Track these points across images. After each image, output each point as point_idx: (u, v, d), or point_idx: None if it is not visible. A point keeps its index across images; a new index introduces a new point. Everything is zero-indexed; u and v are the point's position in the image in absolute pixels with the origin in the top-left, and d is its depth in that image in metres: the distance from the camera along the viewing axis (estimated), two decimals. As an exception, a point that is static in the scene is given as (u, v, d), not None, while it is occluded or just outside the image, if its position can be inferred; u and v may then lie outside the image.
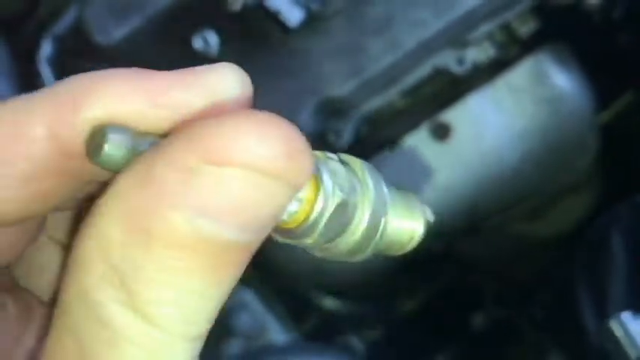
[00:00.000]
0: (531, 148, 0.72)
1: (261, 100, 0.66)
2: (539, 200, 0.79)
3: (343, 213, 0.23)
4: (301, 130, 0.47)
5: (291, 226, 0.23)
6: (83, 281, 0.20)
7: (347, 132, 0.66)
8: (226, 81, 0.22)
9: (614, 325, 0.46)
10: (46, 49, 0.61)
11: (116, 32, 0.60)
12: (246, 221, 0.19)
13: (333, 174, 0.23)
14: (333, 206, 0.22)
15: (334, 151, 0.59)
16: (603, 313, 0.50)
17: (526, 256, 0.84)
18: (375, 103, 0.67)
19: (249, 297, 0.76)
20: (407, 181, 0.69)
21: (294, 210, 0.22)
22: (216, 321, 0.69)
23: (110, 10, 0.60)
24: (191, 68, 0.22)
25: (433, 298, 0.88)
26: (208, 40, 0.59)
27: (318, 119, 0.65)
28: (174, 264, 0.19)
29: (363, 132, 0.70)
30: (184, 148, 0.19)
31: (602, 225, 0.56)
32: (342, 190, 0.23)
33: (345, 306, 0.84)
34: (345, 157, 0.25)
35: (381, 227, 0.24)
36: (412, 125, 0.69)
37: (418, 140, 0.69)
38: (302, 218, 0.22)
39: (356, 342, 0.84)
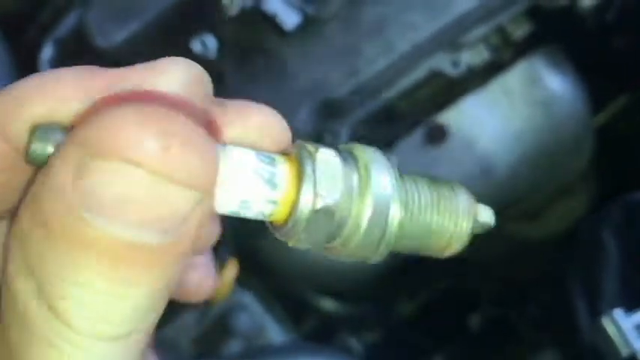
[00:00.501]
0: (526, 150, 0.72)
1: (259, 101, 0.67)
2: (534, 201, 0.80)
3: (327, 218, 0.21)
4: (299, 131, 0.48)
5: (277, 224, 0.22)
6: (7, 272, 0.20)
7: (344, 133, 0.67)
8: (166, 76, 0.21)
9: (606, 322, 0.47)
10: (47, 51, 0.61)
11: (116, 35, 0.60)
12: (140, 219, 0.19)
13: (322, 173, 0.21)
14: (312, 212, 0.21)
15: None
16: (596, 311, 0.51)
17: (522, 256, 0.85)
18: (371, 105, 0.67)
19: (249, 299, 0.76)
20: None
21: (269, 212, 0.21)
22: (215, 322, 0.68)
23: (111, 13, 0.61)
24: (136, 65, 0.21)
25: (431, 300, 0.89)
26: (207, 43, 0.59)
27: (315, 121, 0.65)
28: (75, 260, 0.19)
29: (359, 134, 0.70)
30: (75, 142, 0.19)
31: (594, 224, 0.57)
32: (327, 194, 0.21)
33: (344, 307, 0.84)
34: (352, 146, 0.23)
35: (389, 225, 0.22)
36: (408, 127, 0.70)
37: (413, 142, 0.69)
38: (281, 219, 0.21)
39: (354, 343, 0.84)
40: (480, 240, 0.94)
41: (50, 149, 0.20)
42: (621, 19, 0.74)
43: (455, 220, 0.24)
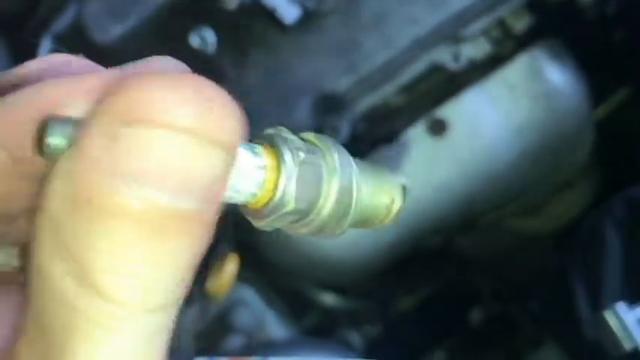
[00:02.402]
0: (527, 144, 0.72)
1: (258, 96, 0.66)
2: (535, 196, 0.80)
3: (310, 173, 0.23)
4: (298, 126, 0.48)
5: (265, 199, 0.23)
6: (39, 260, 0.20)
7: (344, 128, 0.67)
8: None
9: (608, 316, 0.47)
10: (45, 47, 0.62)
11: (114, 31, 0.61)
12: (179, 185, 0.19)
13: (290, 142, 0.23)
14: (298, 166, 0.23)
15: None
16: (598, 305, 0.51)
17: (523, 251, 0.85)
18: (372, 99, 0.67)
19: (249, 295, 0.77)
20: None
21: (261, 179, 0.22)
22: (216, 318, 0.68)
23: (108, 9, 0.61)
24: (131, 66, 0.22)
25: (432, 295, 0.89)
26: (205, 37, 0.59)
27: (315, 115, 0.66)
28: (112, 231, 0.19)
29: (360, 128, 0.70)
30: (106, 110, 0.19)
31: (596, 218, 0.57)
32: (303, 152, 0.23)
33: (344, 302, 0.85)
34: (307, 135, 0.25)
35: (353, 199, 0.24)
36: (409, 121, 0.70)
37: (414, 136, 0.70)
38: (272, 187, 0.23)
39: (355, 338, 0.84)
40: (481, 235, 0.93)
41: (68, 142, 0.20)
42: (621, 12, 0.74)
43: (389, 193, 0.26)
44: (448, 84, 0.71)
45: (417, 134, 0.70)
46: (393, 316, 0.89)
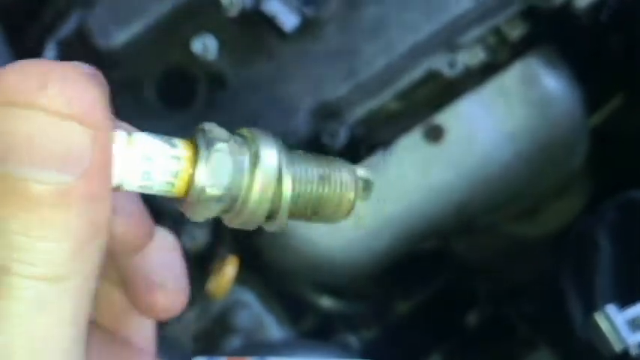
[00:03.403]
0: (522, 149, 0.73)
1: (259, 101, 0.67)
2: (531, 200, 0.81)
3: (228, 163, 0.24)
4: (298, 131, 0.50)
5: (183, 189, 0.24)
6: None
7: (342, 133, 0.68)
8: None
9: (599, 318, 0.48)
10: (50, 52, 0.63)
11: (118, 37, 0.62)
12: (39, 159, 0.21)
13: (210, 134, 0.24)
14: (213, 155, 0.24)
15: (331, 153, 0.61)
16: (589, 307, 0.52)
17: (519, 255, 0.86)
18: (370, 105, 0.68)
19: (249, 297, 0.78)
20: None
21: (176, 169, 0.24)
22: (215, 319, 0.70)
23: (112, 15, 0.62)
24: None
25: (429, 298, 0.90)
26: (207, 44, 0.60)
27: (314, 121, 0.66)
28: None
29: (358, 133, 0.71)
30: None
31: (588, 222, 0.58)
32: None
33: (343, 305, 0.86)
34: (242, 130, 0.26)
35: (285, 190, 0.25)
36: (406, 127, 0.71)
37: (411, 142, 0.71)
38: (187, 177, 0.24)
39: (353, 341, 0.85)
40: (478, 239, 0.94)
41: None
42: (615, 20, 0.76)
43: (340, 189, 0.27)
44: (445, 91, 0.72)
45: (414, 140, 0.71)
46: (391, 319, 0.90)
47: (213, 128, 0.25)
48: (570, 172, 0.79)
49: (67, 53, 0.62)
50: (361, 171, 0.28)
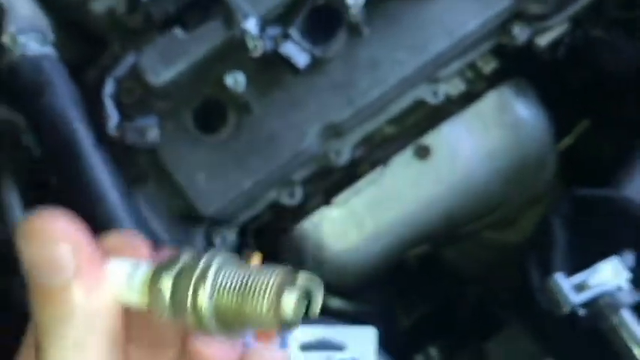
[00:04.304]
0: (498, 166, 0.83)
1: (277, 125, 0.81)
2: (509, 210, 0.88)
3: (181, 285, 0.31)
4: (309, 149, 0.66)
5: (148, 304, 0.33)
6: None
7: (345, 152, 0.78)
8: None
9: (551, 283, 0.60)
10: (109, 88, 0.73)
11: (165, 74, 0.71)
12: (37, 267, 0.33)
13: (171, 265, 0.32)
14: (171, 282, 0.31)
15: (337, 169, 0.75)
16: (546, 278, 0.63)
17: (502, 261, 0.92)
18: (367, 127, 0.78)
19: None
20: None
21: (142, 290, 0.32)
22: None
23: (159, 56, 0.72)
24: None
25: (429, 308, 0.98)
26: (237, 79, 0.70)
27: (322, 141, 0.76)
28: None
29: (359, 153, 0.80)
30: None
31: (547, 214, 0.70)
32: (175, 270, 0.31)
33: (351, 306, 0.90)
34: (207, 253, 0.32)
35: (196, 302, 0.30)
36: (400, 148, 0.81)
37: (404, 160, 0.81)
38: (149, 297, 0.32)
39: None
40: (466, 247, 1.02)
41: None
42: (575, 55, 0.86)
43: (262, 302, 0.30)
44: (430, 116, 0.81)
45: (406, 158, 0.80)
46: (392, 320, 0.98)
47: (185, 256, 0.32)
48: (542, 184, 0.87)
49: (122, 89, 0.75)
50: (301, 280, 0.30)
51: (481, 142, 0.81)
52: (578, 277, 0.59)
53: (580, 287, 0.59)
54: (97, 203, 0.68)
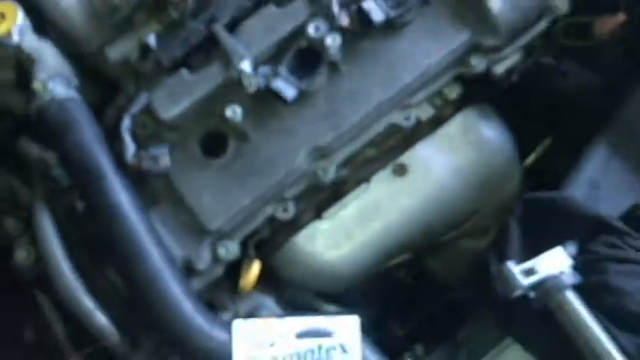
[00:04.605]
0: (466, 180, 0.91)
1: (271, 149, 0.93)
2: (481, 219, 0.95)
3: None
4: (299, 168, 0.80)
5: None
6: None
7: (331, 170, 0.87)
8: None
9: (503, 269, 0.70)
10: (126, 123, 0.82)
11: (174, 110, 0.82)
12: None
13: None
14: None
15: (323, 186, 0.86)
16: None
17: (479, 265, 0.96)
18: (350, 149, 0.87)
19: (271, 302, 0.88)
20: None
21: None
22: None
23: (169, 95, 0.83)
24: None
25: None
26: (236, 111, 0.79)
27: (310, 161, 0.85)
28: None
29: (344, 173, 0.90)
30: None
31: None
32: None
33: (345, 312, 0.92)
34: None
35: None
36: (380, 168, 0.90)
37: (384, 177, 0.89)
38: None
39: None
40: (447, 255, 1.12)
41: None
42: (530, 80, 0.95)
43: None
44: (405, 138, 0.90)
45: (386, 175, 0.88)
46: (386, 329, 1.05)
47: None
48: (510, 196, 0.94)
49: (138, 123, 0.85)
50: None
51: (450, 159, 0.89)
52: (526, 264, 0.70)
53: (528, 272, 0.70)
54: (119, 222, 0.79)
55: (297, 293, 0.92)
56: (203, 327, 0.75)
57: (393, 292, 1.02)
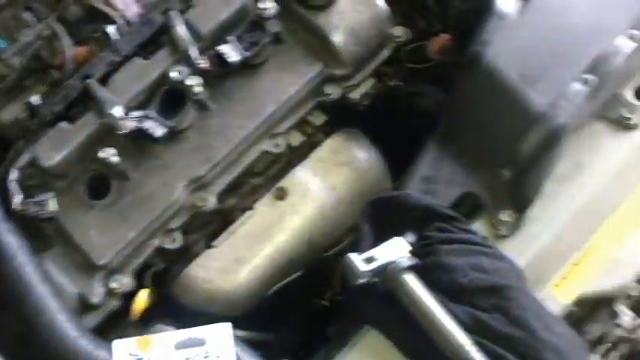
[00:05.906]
0: (342, 196, 0.97)
1: (150, 185, 1.02)
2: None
3: None
4: (178, 201, 0.88)
5: None
6: None
7: (210, 200, 0.94)
8: None
9: (346, 260, 0.78)
10: (13, 175, 0.90)
11: (56, 158, 0.90)
12: None
13: None
14: None
15: (206, 214, 0.94)
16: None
17: None
18: (227, 178, 0.95)
19: (170, 330, 0.88)
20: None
21: None
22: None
23: (51, 145, 0.90)
24: None
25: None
26: (108, 152, 0.87)
27: (189, 193, 0.91)
28: None
29: (232, 202, 0.97)
30: None
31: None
32: None
33: (251, 335, 0.96)
34: None
35: None
36: (262, 193, 0.98)
37: (267, 201, 0.95)
38: None
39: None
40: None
41: None
42: (380, 105, 1.03)
43: None
44: (287, 166, 0.98)
45: (269, 200, 0.95)
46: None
47: None
48: None
49: (24, 174, 0.92)
50: None
51: (324, 179, 0.97)
52: (367, 254, 0.78)
53: (369, 260, 0.78)
54: (6, 262, 0.86)
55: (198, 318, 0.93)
56: (87, 348, 0.81)
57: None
